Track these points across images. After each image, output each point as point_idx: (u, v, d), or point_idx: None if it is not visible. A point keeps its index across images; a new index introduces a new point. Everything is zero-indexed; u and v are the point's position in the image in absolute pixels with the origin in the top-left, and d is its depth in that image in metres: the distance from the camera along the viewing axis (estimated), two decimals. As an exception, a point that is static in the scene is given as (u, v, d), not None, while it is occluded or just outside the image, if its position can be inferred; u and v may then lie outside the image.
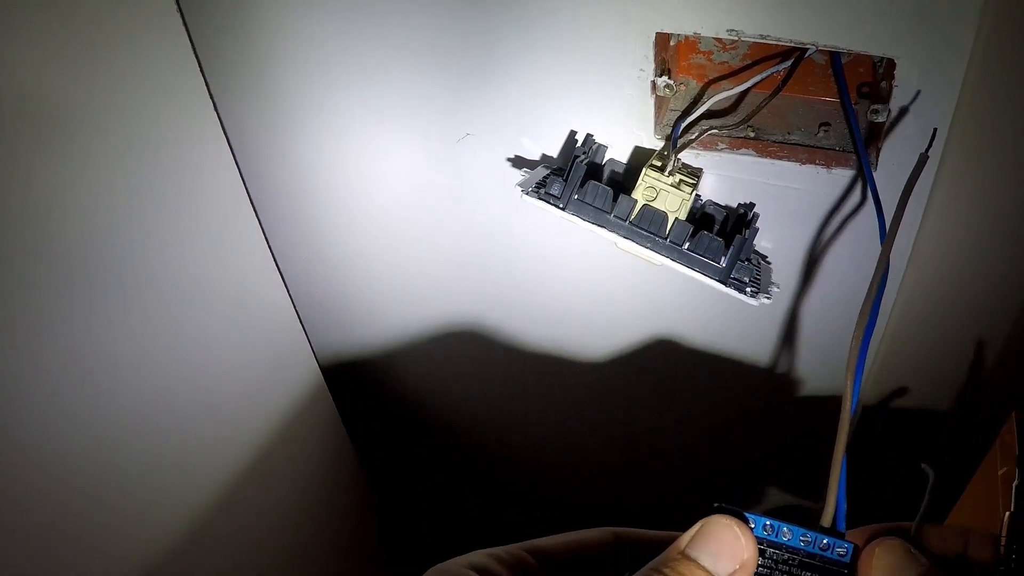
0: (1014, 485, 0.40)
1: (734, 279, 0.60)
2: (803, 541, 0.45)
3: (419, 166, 0.75)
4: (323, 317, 0.96)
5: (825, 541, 0.46)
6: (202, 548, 0.77)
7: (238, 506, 0.81)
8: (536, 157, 0.70)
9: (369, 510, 1.11)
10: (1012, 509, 0.40)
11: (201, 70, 0.73)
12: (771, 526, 0.45)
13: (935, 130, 0.57)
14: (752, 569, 0.42)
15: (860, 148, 0.62)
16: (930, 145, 0.57)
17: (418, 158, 0.75)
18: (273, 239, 0.86)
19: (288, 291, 0.90)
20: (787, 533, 0.45)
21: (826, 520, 0.47)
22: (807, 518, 0.47)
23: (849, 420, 0.47)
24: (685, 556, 0.42)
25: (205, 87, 0.74)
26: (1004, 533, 0.41)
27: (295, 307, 0.91)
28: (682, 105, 0.67)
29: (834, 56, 0.62)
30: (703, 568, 0.41)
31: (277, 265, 0.87)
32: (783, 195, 0.66)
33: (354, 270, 0.90)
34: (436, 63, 0.68)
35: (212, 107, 0.75)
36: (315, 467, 0.96)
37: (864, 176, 0.63)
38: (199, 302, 0.75)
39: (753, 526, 0.44)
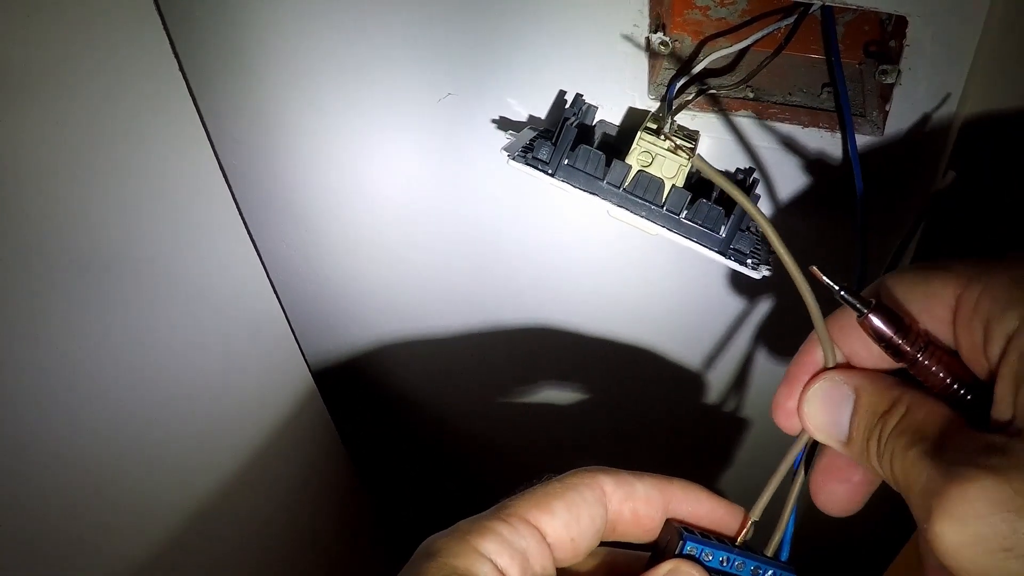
0: None
1: (734, 250, 0.57)
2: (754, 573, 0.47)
3: (399, 134, 0.72)
4: (310, 315, 0.95)
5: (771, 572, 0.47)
6: (195, 551, 0.76)
7: (230, 507, 0.80)
8: (522, 118, 0.66)
9: (362, 509, 1.11)
10: None
11: (181, 69, 0.71)
12: (727, 559, 0.45)
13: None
14: None
15: (847, 113, 0.59)
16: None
17: (400, 123, 0.71)
18: (259, 238, 0.84)
19: (275, 290, 0.88)
20: (740, 566, 0.46)
21: (770, 550, 0.48)
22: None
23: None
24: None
25: (187, 87, 0.72)
26: None
27: (282, 306, 0.90)
28: (677, 63, 0.63)
29: (826, 12, 0.58)
30: None
31: (264, 265, 0.85)
32: (784, 159, 0.62)
33: (340, 266, 0.89)
34: (418, 21, 0.64)
35: (194, 108, 0.73)
36: (307, 468, 0.95)
37: (848, 142, 0.59)
38: (184, 304, 0.74)
39: (711, 558, 0.45)
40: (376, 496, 1.11)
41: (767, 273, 0.57)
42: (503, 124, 0.67)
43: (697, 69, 0.60)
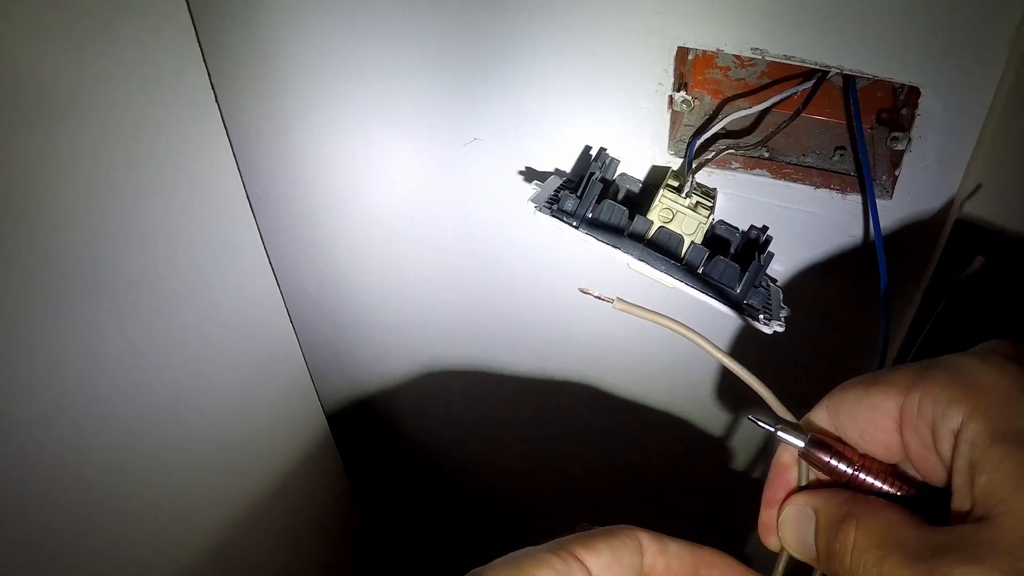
0: None
1: (748, 305, 0.59)
2: None
3: (424, 175, 0.75)
4: (323, 346, 0.97)
5: None
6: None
7: (235, 532, 0.82)
8: (546, 167, 0.68)
9: (362, 538, 1.12)
10: None
11: (209, 76, 0.73)
12: None
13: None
14: None
15: (868, 179, 0.61)
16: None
17: (424, 165, 0.73)
18: (279, 270, 0.87)
19: (293, 324, 0.90)
20: None
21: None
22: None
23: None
24: None
25: (214, 99, 0.74)
26: None
27: (298, 339, 0.91)
28: (697, 121, 0.66)
29: (849, 79, 0.61)
30: None
31: (283, 298, 0.87)
32: (796, 218, 0.65)
33: (355, 300, 0.91)
34: (447, 65, 0.66)
35: (224, 132, 0.76)
36: (310, 498, 0.97)
37: (870, 209, 0.62)
38: (201, 327, 0.75)
39: None
40: (373, 524, 1.13)
41: (779, 328, 0.59)
42: (529, 175, 0.69)
43: (716, 128, 0.63)
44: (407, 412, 1.02)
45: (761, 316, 0.59)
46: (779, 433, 0.42)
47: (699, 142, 0.63)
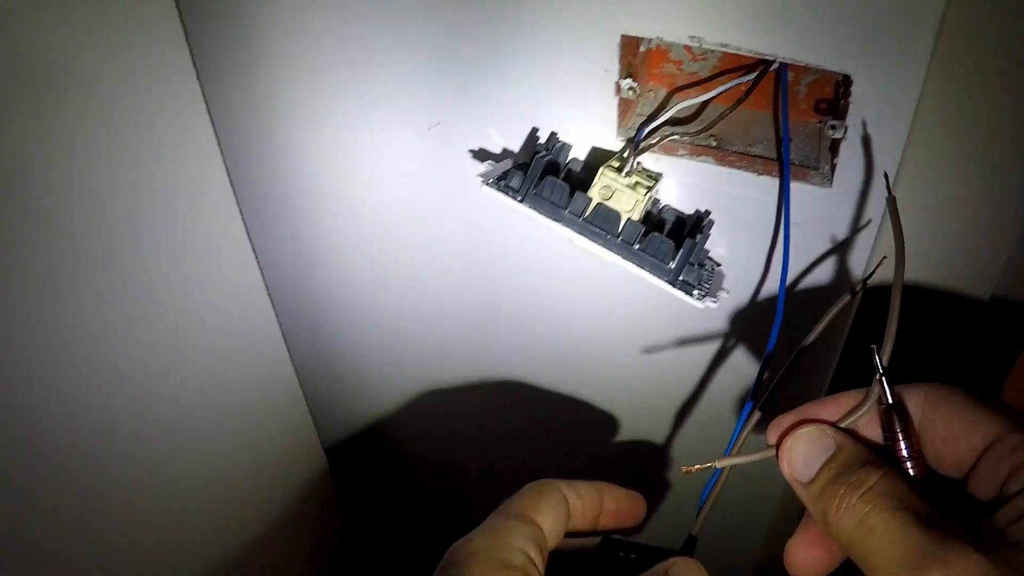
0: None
1: (682, 281, 0.61)
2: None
3: (403, 165, 0.78)
4: (320, 372, 1.00)
5: None
6: None
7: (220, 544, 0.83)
8: (503, 151, 0.71)
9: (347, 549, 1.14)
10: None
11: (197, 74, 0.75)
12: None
13: (886, 174, 0.59)
14: None
15: (785, 163, 0.63)
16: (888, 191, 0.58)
17: (394, 152, 0.77)
18: (273, 290, 0.90)
19: (290, 353, 0.93)
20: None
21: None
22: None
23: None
24: None
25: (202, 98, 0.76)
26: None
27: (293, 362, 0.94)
28: (649, 111, 0.68)
29: (781, 69, 0.63)
30: None
31: (276, 312, 0.90)
32: (740, 204, 0.67)
33: (349, 327, 0.94)
34: (413, 55, 0.69)
35: (223, 165, 0.79)
36: (301, 524, 0.99)
37: (784, 193, 0.64)
38: (182, 325, 0.77)
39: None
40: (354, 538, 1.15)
41: (712, 304, 0.61)
42: (481, 155, 0.72)
43: (664, 116, 0.65)
44: (397, 421, 1.04)
45: (695, 292, 0.61)
46: (883, 378, 0.45)
47: (647, 129, 0.65)
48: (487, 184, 0.63)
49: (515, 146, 0.71)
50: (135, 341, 0.70)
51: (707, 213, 0.66)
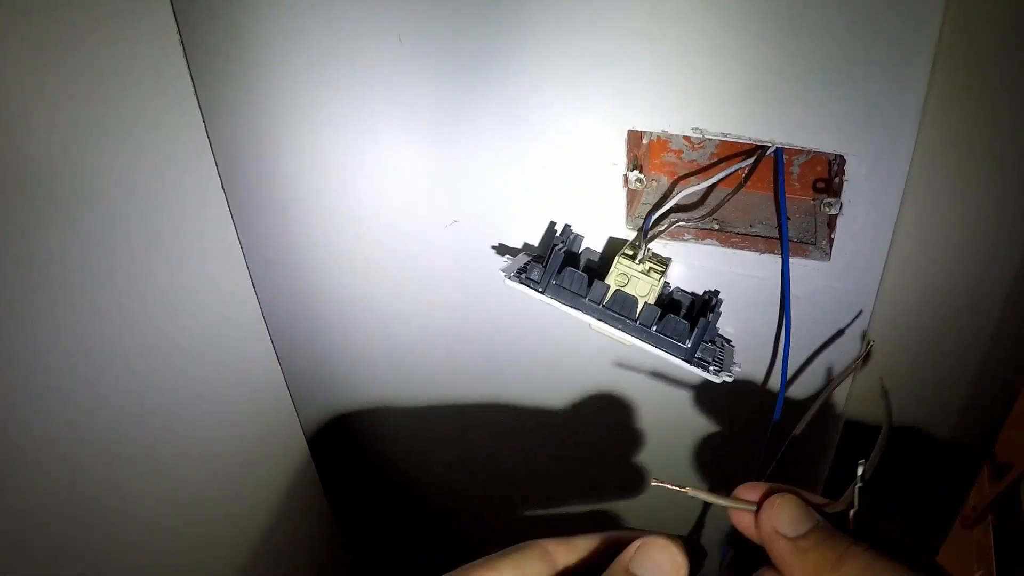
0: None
1: (698, 358, 0.65)
2: None
3: (411, 248, 0.81)
4: (306, 377, 0.99)
5: None
6: None
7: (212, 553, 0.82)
8: (518, 245, 0.75)
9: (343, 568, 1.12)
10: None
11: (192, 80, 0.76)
12: None
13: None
14: None
15: (784, 242, 0.68)
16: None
17: (411, 243, 0.80)
18: (260, 288, 0.89)
19: (275, 349, 0.92)
20: None
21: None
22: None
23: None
24: (630, 573, 0.46)
25: (196, 102, 0.76)
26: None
27: (280, 363, 0.94)
28: (654, 199, 0.73)
29: (777, 153, 0.68)
30: None
31: (267, 326, 0.90)
32: (745, 283, 0.71)
33: (339, 328, 0.93)
34: (428, 148, 0.73)
35: (214, 167, 0.79)
36: (290, 524, 0.96)
37: (783, 266, 0.69)
38: (170, 328, 0.76)
39: None
40: (355, 553, 1.13)
41: (727, 379, 0.65)
42: (501, 250, 0.76)
43: (670, 204, 0.70)
44: (387, 432, 1.05)
45: (711, 368, 0.65)
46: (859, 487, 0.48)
47: (655, 217, 0.70)
48: (509, 278, 0.67)
49: (531, 240, 0.75)
50: (120, 337, 0.70)
51: (716, 293, 0.70)
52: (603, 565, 0.47)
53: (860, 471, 0.47)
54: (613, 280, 0.67)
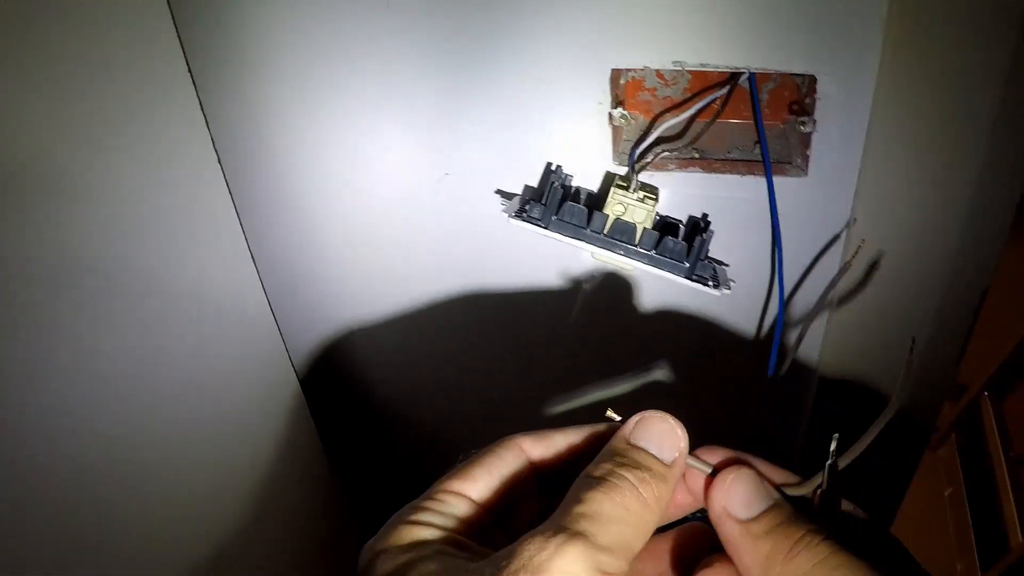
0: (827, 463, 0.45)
1: (698, 275, 0.70)
2: None
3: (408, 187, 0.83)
4: (298, 315, 0.97)
5: None
6: (174, 547, 0.76)
7: (209, 513, 0.81)
8: (512, 187, 0.79)
9: (343, 513, 1.11)
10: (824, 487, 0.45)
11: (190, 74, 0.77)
12: None
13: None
14: (686, 456, 0.46)
15: (766, 158, 0.72)
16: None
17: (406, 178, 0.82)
18: (253, 240, 0.89)
19: (264, 286, 0.92)
20: None
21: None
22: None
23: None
24: (633, 445, 0.45)
25: (199, 105, 0.78)
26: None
27: (269, 301, 0.93)
28: (634, 136, 0.76)
29: (751, 79, 0.72)
30: (652, 455, 0.45)
31: (257, 268, 0.90)
32: (731, 205, 0.76)
33: (327, 257, 0.93)
34: (420, 107, 0.76)
35: (203, 121, 0.79)
36: (288, 472, 0.95)
37: (767, 181, 0.73)
38: (179, 304, 0.76)
39: None
40: (353, 498, 1.13)
41: (726, 292, 0.70)
42: (497, 196, 0.79)
43: (652, 137, 0.74)
44: (376, 366, 1.03)
45: (710, 283, 0.70)
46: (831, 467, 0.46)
47: (639, 150, 0.74)
48: (513, 217, 0.71)
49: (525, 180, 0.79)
50: (129, 329, 0.69)
51: (705, 215, 0.74)
52: (586, 459, 0.46)
53: (833, 445, 0.44)
54: (611, 210, 0.71)
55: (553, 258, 0.83)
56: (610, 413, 0.47)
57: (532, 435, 0.49)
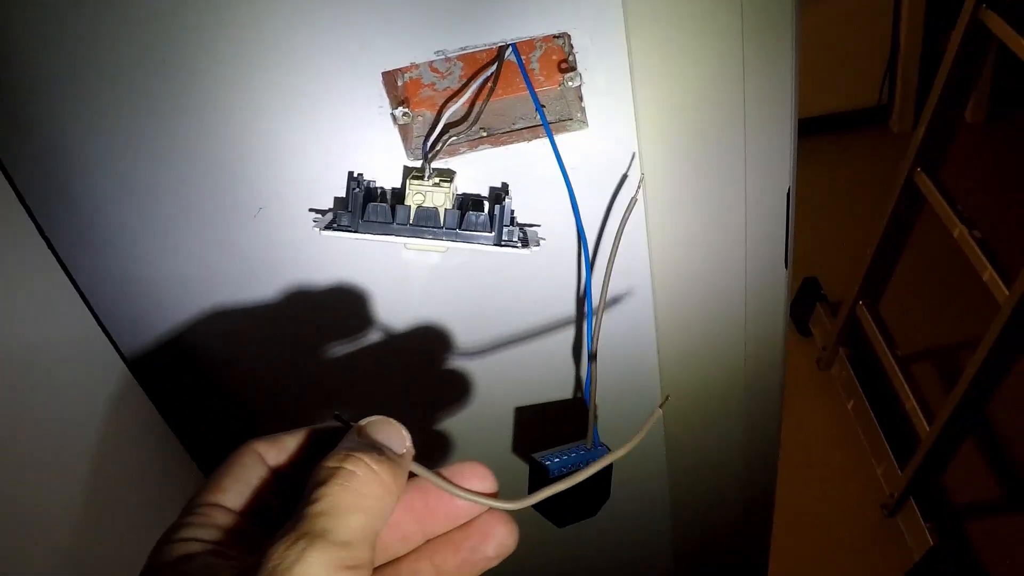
0: None
1: (505, 241, 0.74)
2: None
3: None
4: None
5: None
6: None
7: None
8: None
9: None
10: None
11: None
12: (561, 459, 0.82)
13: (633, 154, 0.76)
14: (411, 456, 0.49)
15: (543, 120, 0.77)
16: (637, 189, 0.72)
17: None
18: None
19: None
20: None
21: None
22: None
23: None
24: (366, 437, 0.48)
25: None
26: None
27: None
28: (424, 131, 0.81)
29: (513, 50, 0.76)
30: (384, 444, 0.48)
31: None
32: (528, 172, 0.80)
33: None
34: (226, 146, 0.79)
35: None
36: (136, 459, 0.93)
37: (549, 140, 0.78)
38: None
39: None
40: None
41: (536, 248, 0.74)
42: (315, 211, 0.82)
43: (439, 127, 0.78)
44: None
45: (519, 244, 0.74)
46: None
47: (429, 142, 0.78)
48: (324, 230, 0.74)
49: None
50: None
51: (505, 185, 0.79)
52: (311, 461, 0.48)
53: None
54: (412, 200, 0.75)
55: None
56: (337, 415, 0.51)
57: (265, 439, 0.51)
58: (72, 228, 0.82)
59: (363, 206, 0.74)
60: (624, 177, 0.81)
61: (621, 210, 0.81)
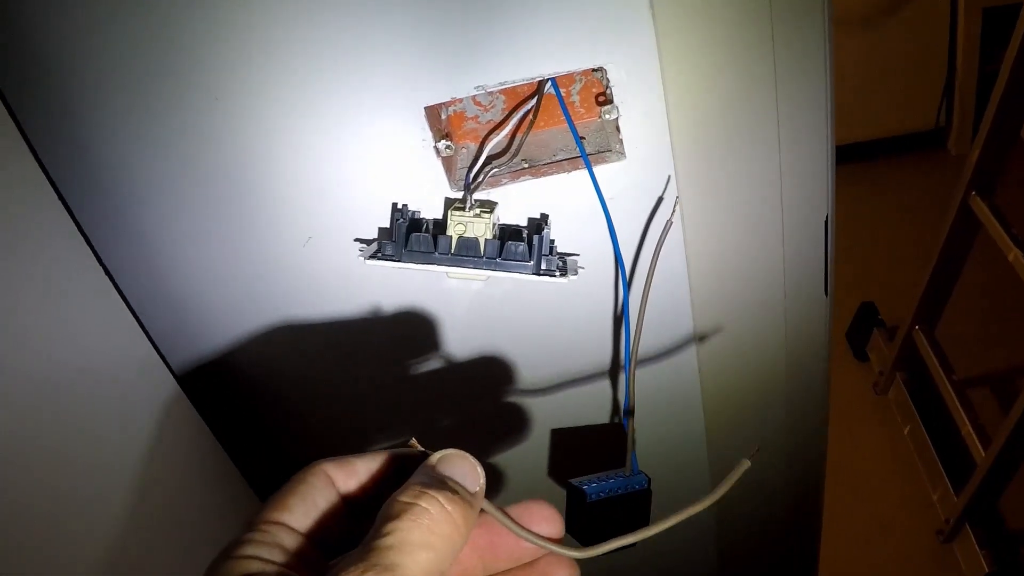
0: None
1: (544, 270, 0.76)
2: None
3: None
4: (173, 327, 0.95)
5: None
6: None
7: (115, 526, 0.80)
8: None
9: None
10: None
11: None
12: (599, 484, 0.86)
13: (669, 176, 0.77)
14: (483, 494, 0.49)
15: (582, 151, 0.79)
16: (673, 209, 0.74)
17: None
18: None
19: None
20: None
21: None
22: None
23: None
24: (440, 474, 0.48)
25: None
26: None
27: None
28: (467, 162, 0.83)
29: (552, 84, 0.79)
30: (458, 482, 0.48)
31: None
32: (566, 203, 0.82)
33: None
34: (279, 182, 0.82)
35: None
36: (187, 475, 0.95)
37: (587, 170, 0.80)
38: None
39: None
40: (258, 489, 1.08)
41: (574, 276, 0.76)
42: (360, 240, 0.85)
43: (482, 159, 0.80)
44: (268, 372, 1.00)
45: (557, 273, 0.76)
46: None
47: (472, 173, 0.80)
48: (369, 259, 0.77)
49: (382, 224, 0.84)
50: None
51: (544, 216, 0.81)
52: (388, 486, 0.48)
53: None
54: (453, 231, 0.77)
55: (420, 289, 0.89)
56: (413, 442, 0.52)
57: (335, 460, 0.51)
58: (129, 257, 0.86)
59: (406, 236, 0.77)
60: (660, 199, 0.82)
61: (657, 233, 0.83)
